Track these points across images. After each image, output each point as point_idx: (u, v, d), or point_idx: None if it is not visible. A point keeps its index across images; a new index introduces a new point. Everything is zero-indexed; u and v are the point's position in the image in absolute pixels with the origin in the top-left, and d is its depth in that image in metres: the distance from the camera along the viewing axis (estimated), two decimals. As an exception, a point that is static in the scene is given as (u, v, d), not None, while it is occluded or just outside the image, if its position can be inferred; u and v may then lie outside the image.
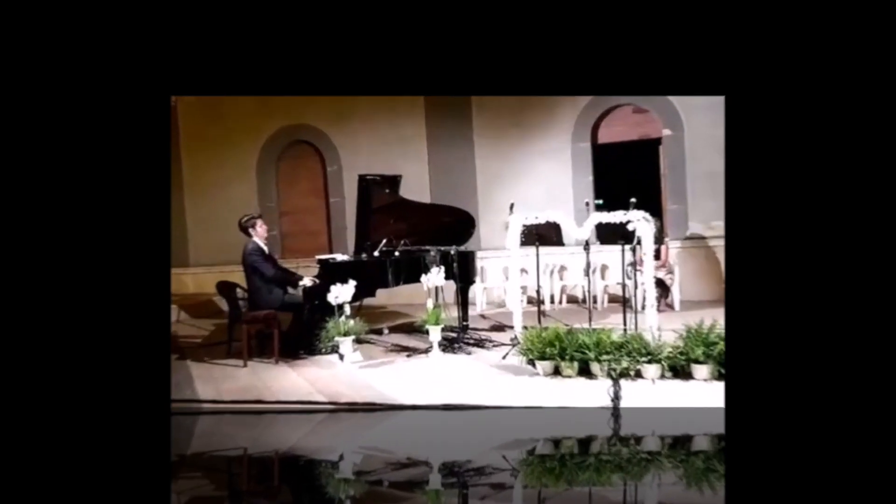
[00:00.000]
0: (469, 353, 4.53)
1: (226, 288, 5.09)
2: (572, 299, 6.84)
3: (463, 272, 5.00)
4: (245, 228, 4.90)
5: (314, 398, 3.67)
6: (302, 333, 4.76)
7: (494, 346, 4.68)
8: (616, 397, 3.25)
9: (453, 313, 4.94)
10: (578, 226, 4.23)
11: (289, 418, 3.37)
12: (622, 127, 7.01)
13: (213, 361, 4.80)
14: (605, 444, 2.96)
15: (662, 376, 3.55)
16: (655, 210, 4.91)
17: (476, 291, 6.51)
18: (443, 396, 3.49)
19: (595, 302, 6.12)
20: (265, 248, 4.87)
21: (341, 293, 4.35)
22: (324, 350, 4.66)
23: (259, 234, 4.86)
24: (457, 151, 7.38)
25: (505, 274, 6.89)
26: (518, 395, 3.47)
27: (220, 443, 3.20)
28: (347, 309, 4.48)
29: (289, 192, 8.39)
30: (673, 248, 6.36)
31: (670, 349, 3.56)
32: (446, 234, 5.14)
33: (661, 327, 3.80)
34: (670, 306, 5.98)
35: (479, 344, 4.76)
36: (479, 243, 6.88)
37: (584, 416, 3.15)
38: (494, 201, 7.09)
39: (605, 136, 7.08)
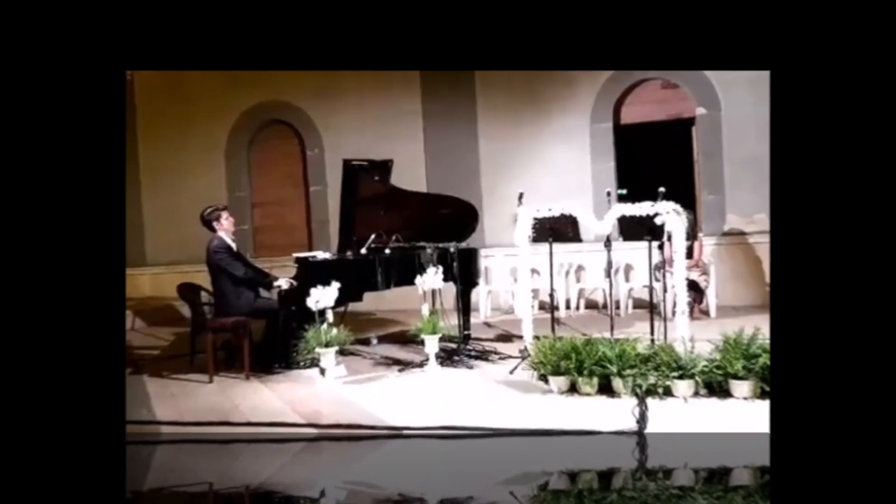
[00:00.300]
0: (471, 367, 4.53)
1: (188, 291, 5.09)
2: (591, 305, 6.85)
3: (464, 273, 4.99)
4: (208, 222, 4.89)
5: (291, 419, 3.66)
6: (277, 344, 4.75)
7: (501, 358, 4.69)
8: (642, 419, 3.24)
9: (453, 321, 4.94)
10: (598, 219, 4.23)
11: (261, 446, 3.36)
12: (649, 105, 7.01)
13: (172, 377, 4.79)
14: (629, 477, 2.93)
15: (696, 394, 3.55)
16: (688, 201, 4.93)
17: (479, 295, 6.53)
18: (441, 417, 3.48)
19: (617, 308, 6.14)
20: (232, 245, 4.86)
21: (323, 297, 4.34)
22: (302, 363, 4.66)
23: (225, 229, 4.85)
24: (458, 132, 7.38)
25: (513, 275, 6.90)
26: (528, 416, 3.45)
27: (181, 476, 3.18)
28: (330, 315, 4.48)
29: (262, 181, 8.38)
30: (708, 245, 6.38)
31: (705, 362, 3.55)
32: (445, 228, 5.13)
33: (694, 337, 3.79)
34: (705, 313, 6.00)
35: (483, 356, 4.77)
36: (483, 239, 6.89)
37: (604, 442, 3.13)
38: (501, 190, 7.09)
39: (630, 115, 7.09)
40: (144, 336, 6.79)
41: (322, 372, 4.40)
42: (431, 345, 4.49)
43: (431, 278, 4.53)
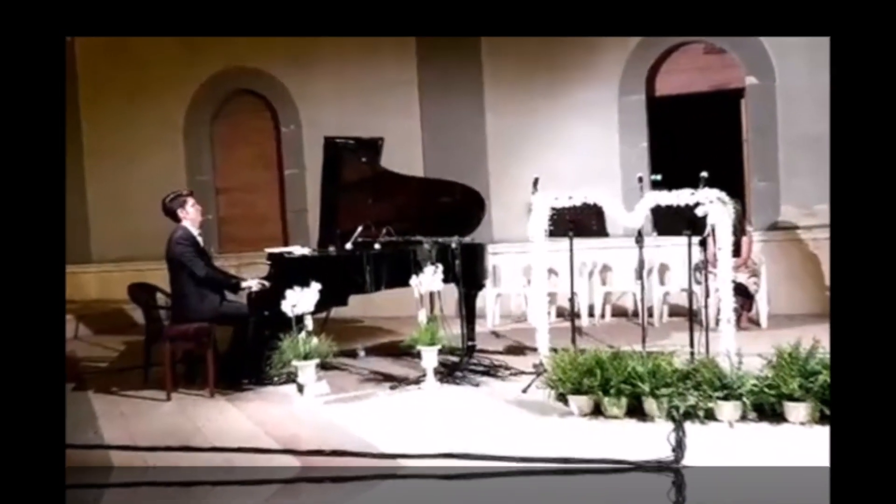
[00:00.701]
0: (476, 385, 4.56)
1: (141, 292, 5.11)
2: (619, 312, 6.87)
3: (468, 273, 5.01)
4: (171, 211, 4.92)
5: (264, 444, 3.68)
6: (246, 355, 4.79)
7: (511, 374, 4.72)
8: (678, 448, 3.25)
9: (455, 329, 4.96)
10: (628, 210, 4.24)
11: (231, 489, 3.36)
12: (689, 73, 7.01)
13: (123, 393, 4.82)
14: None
15: (743, 418, 3.56)
16: (735, 189, 4.92)
17: (486, 300, 6.55)
18: (440, 444, 3.49)
19: (650, 315, 6.17)
20: (199, 238, 4.88)
21: (300, 300, 4.36)
22: (276, 379, 4.68)
23: (191, 218, 4.88)
24: (460, 105, 7.39)
25: (526, 276, 6.91)
26: (543, 443, 3.46)
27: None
28: (309, 322, 4.49)
29: (228, 162, 8.40)
30: (758, 241, 6.39)
31: (754, 381, 3.56)
32: (445, 219, 5.16)
33: (741, 350, 3.79)
34: (754, 322, 6.02)
35: (491, 372, 4.80)
36: (491, 233, 6.91)
37: (633, 476, 3.14)
38: (512, 175, 7.10)
39: (666, 85, 7.08)
40: (90, 346, 6.83)
41: (300, 389, 4.42)
42: (429, 358, 4.51)
43: (429, 279, 4.55)
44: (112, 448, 3.74)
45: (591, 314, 6.62)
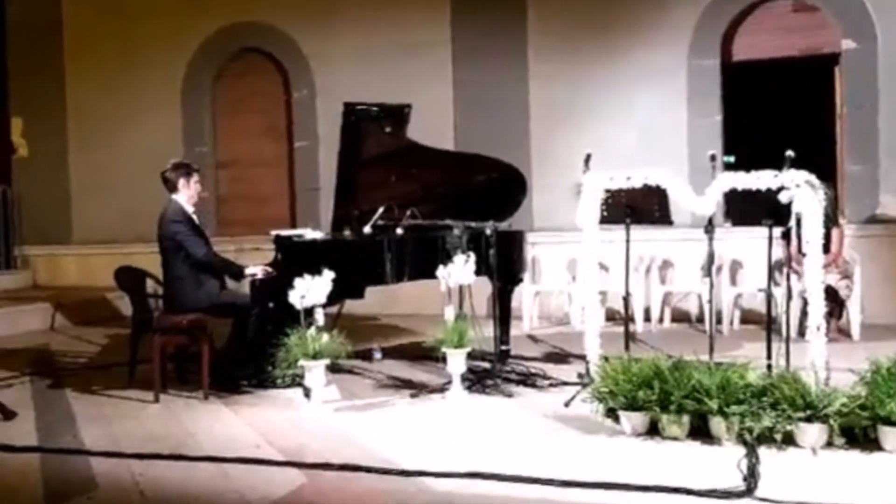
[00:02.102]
0: (509, 395, 4.55)
1: (129, 277, 5.19)
2: (680, 316, 6.78)
3: (505, 264, 4.98)
4: (172, 181, 4.96)
5: (264, 454, 3.71)
6: (247, 353, 4.82)
7: (551, 385, 4.70)
8: (751, 476, 3.19)
9: (487, 331, 4.93)
10: (697, 194, 4.16)
11: None
12: (773, 35, 6.87)
13: (106, 393, 4.89)
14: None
15: (830, 444, 3.49)
16: (825, 173, 4.80)
17: (523, 298, 6.51)
18: (466, 462, 3.48)
19: (719, 321, 6.07)
20: (193, 215, 4.93)
21: (311, 291, 4.38)
22: (280, 381, 4.72)
23: (188, 195, 4.92)
24: (500, 69, 7.35)
25: (570, 271, 6.86)
26: (587, 465, 3.42)
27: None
28: (320, 316, 4.51)
29: (231, 132, 8.49)
30: (851, 236, 6.26)
31: (844, 400, 3.49)
32: (479, 201, 5.15)
33: (829, 364, 3.71)
34: (844, 332, 5.89)
35: (527, 381, 4.78)
36: (531, 220, 6.87)
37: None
38: (558, 151, 7.05)
39: (745, 49, 6.96)
40: (69, 339, 6.96)
41: (307, 393, 4.45)
42: (456, 362, 4.49)
43: (459, 270, 4.53)
44: (93, 454, 3.80)
45: (646, 318, 6.55)
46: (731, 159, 4.53)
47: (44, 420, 4.40)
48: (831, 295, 5.51)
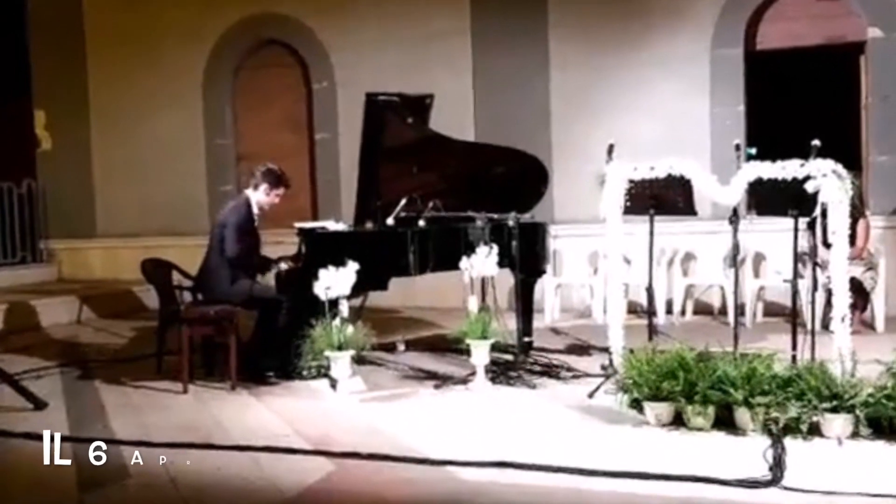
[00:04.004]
0: (533, 387, 4.58)
1: (156, 269, 5.27)
2: (703, 309, 6.77)
3: (527, 256, 5.01)
4: (257, 181, 5.05)
5: (292, 444, 3.77)
6: (272, 345, 4.89)
7: (574, 376, 4.73)
8: (777, 467, 3.21)
9: (510, 323, 4.96)
10: (722, 184, 4.16)
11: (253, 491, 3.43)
12: (798, 23, 6.81)
13: (134, 384, 4.98)
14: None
15: (856, 434, 3.50)
16: (850, 164, 4.76)
17: (545, 291, 6.54)
18: (493, 450, 3.52)
19: (742, 314, 6.05)
20: (256, 216, 5.04)
21: (335, 283, 4.43)
22: (306, 373, 4.78)
23: (263, 199, 5.03)
24: (521, 58, 7.34)
25: (592, 263, 6.87)
26: (612, 456, 3.44)
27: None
28: (344, 308, 4.57)
29: (252, 124, 8.56)
30: (877, 228, 6.20)
31: (870, 390, 3.50)
32: (501, 192, 5.17)
33: (856, 355, 3.71)
34: (868, 325, 5.86)
35: (550, 372, 4.81)
36: (552, 212, 6.88)
37: (722, 498, 3.10)
38: (579, 142, 7.05)
39: (770, 37, 6.91)
40: (95, 331, 7.06)
41: (333, 384, 4.50)
42: (480, 354, 4.53)
43: (482, 262, 4.57)
44: (124, 443, 3.87)
45: (668, 311, 6.55)
46: (753, 151, 4.51)
47: (74, 410, 4.47)
48: (856, 287, 5.48)
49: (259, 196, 5.04)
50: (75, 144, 8.93)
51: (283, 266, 4.91)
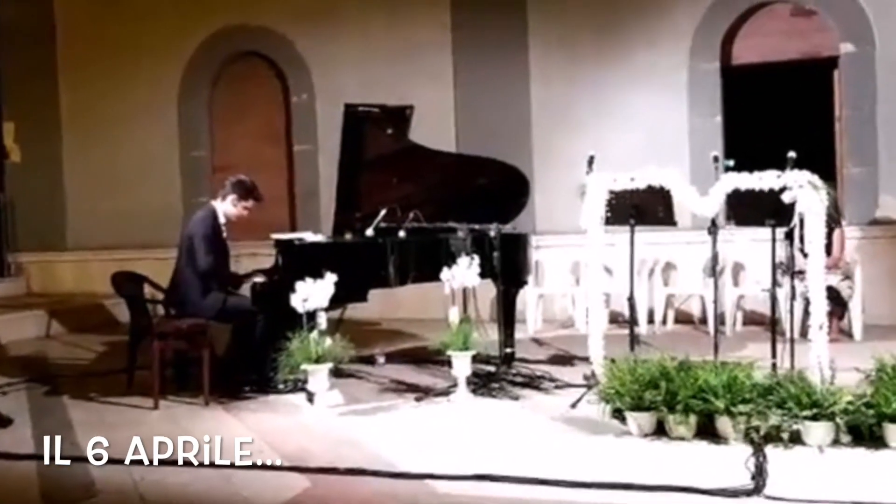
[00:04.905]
0: (515, 398, 4.57)
1: (127, 282, 5.19)
2: (683, 318, 6.81)
3: (509, 267, 5.01)
4: (226, 190, 5.00)
5: (267, 459, 3.70)
6: (248, 359, 4.83)
7: (557, 387, 4.72)
8: (759, 475, 3.22)
9: (492, 334, 4.95)
10: (701, 194, 4.20)
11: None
12: (773, 38, 6.93)
13: (104, 400, 4.88)
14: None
15: (836, 442, 3.53)
16: (826, 174, 4.84)
17: (527, 302, 6.54)
18: (474, 463, 3.50)
19: (722, 323, 6.10)
20: (223, 227, 4.99)
21: (313, 294, 4.39)
22: (283, 386, 4.73)
23: (231, 210, 4.97)
24: (501, 70, 7.38)
25: (574, 273, 6.89)
26: (595, 466, 3.44)
27: None
28: (323, 320, 4.53)
29: (229, 136, 8.50)
30: (852, 237, 6.29)
31: (850, 398, 3.52)
32: (483, 203, 5.19)
33: (834, 363, 3.75)
34: (846, 333, 5.92)
35: (532, 383, 4.80)
36: (534, 223, 6.90)
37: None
38: (559, 153, 7.09)
39: (745, 52, 7.02)
40: (64, 345, 6.93)
41: (310, 398, 4.45)
42: (462, 365, 4.51)
43: (464, 272, 4.56)
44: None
45: (650, 320, 6.58)
46: (731, 163, 4.56)
47: (40, 427, 4.37)
48: (833, 295, 5.55)
49: (227, 207, 4.98)
50: (46, 156, 8.80)
51: (259, 278, 4.86)
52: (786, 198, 3.95)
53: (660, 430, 3.75)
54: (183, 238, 4.93)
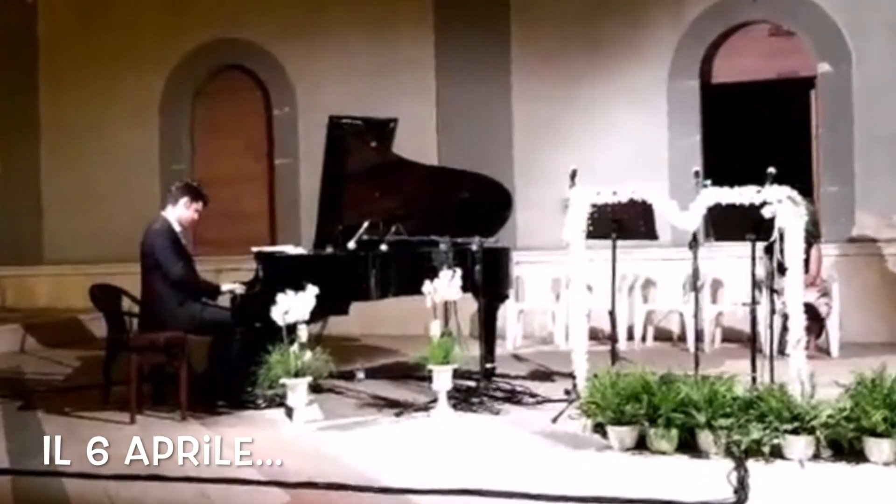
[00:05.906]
0: (496, 413, 4.55)
1: (104, 295, 5.12)
2: (663, 335, 6.83)
3: (490, 280, 5.02)
4: (174, 197, 4.94)
5: (245, 474, 3.65)
6: (226, 372, 4.77)
7: (538, 402, 4.71)
8: (741, 489, 3.21)
9: (473, 349, 4.94)
10: (682, 209, 4.23)
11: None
12: (752, 58, 7.04)
13: (79, 414, 4.80)
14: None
15: (816, 456, 3.53)
16: (803, 193, 4.90)
17: (507, 316, 6.53)
18: (455, 478, 3.46)
19: (701, 340, 6.11)
20: (180, 235, 4.90)
21: (294, 307, 4.35)
22: (261, 401, 4.67)
23: (183, 215, 4.90)
24: (483, 85, 7.42)
25: (554, 290, 6.90)
26: (576, 481, 3.42)
27: None
28: (303, 334, 4.49)
29: (210, 149, 8.46)
30: (829, 255, 6.36)
31: (830, 412, 3.54)
32: (465, 217, 5.18)
33: (814, 377, 3.78)
34: (823, 350, 5.97)
35: (514, 398, 4.79)
36: (515, 238, 6.90)
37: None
38: (540, 168, 7.12)
39: (724, 71, 7.12)
40: (39, 360, 6.82)
41: (289, 413, 4.40)
42: (442, 379, 4.49)
43: (445, 286, 4.54)
44: (67, 476, 3.70)
45: (629, 337, 6.59)
46: (707, 182, 4.59)
47: (14, 442, 4.29)
48: (810, 312, 5.60)
49: (179, 212, 4.91)
50: (23, 168, 8.70)
51: (239, 290, 4.81)
52: (766, 212, 3.98)
53: (641, 445, 3.73)
54: (143, 254, 4.81)
